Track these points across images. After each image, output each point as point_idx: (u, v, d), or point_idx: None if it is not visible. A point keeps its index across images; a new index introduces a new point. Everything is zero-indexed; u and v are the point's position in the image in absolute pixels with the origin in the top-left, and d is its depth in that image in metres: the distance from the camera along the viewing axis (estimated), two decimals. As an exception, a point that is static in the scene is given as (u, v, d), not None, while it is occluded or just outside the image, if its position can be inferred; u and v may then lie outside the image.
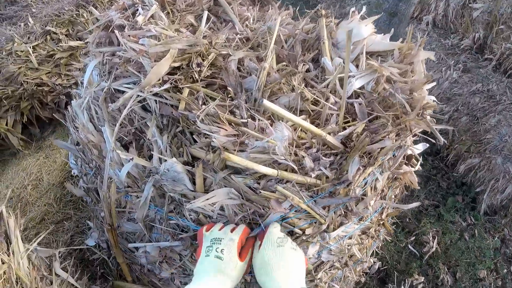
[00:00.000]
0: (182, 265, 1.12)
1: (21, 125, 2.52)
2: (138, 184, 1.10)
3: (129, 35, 1.28)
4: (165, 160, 0.99)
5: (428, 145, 1.34)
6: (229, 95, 1.11)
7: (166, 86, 1.10)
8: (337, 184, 1.03)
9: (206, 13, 1.40)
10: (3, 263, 1.15)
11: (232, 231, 0.86)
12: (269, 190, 0.94)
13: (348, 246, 1.17)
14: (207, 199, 0.92)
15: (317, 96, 1.13)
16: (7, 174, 2.39)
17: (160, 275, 1.18)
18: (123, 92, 1.18)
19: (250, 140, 0.96)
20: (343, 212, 1.09)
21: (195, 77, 1.14)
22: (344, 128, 1.06)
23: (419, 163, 1.34)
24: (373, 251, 1.55)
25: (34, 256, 1.28)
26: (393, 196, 1.39)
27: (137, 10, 1.38)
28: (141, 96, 1.11)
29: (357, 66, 1.21)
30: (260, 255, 0.79)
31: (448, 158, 2.41)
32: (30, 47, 2.57)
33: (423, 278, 1.89)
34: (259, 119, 1.00)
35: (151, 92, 1.11)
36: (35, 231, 2.03)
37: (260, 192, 0.92)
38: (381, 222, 1.33)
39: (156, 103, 1.13)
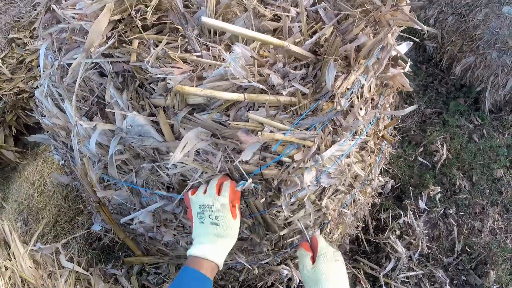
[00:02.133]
0: (180, 224, 1.03)
1: (12, 138, 2.43)
2: (111, 154, 0.99)
3: (67, 6, 1.12)
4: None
5: (411, 43, 1.17)
6: (180, 34, 0.96)
7: (111, 41, 0.96)
8: (318, 99, 0.89)
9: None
10: (6, 269, 1.08)
11: (218, 192, 0.81)
12: (241, 120, 0.81)
13: (347, 165, 1.05)
14: (182, 148, 0.80)
15: (276, 12, 0.96)
16: (12, 189, 2.33)
17: (164, 240, 1.09)
18: (75, 65, 1.04)
19: (208, 72, 0.82)
20: (331, 129, 0.96)
21: (140, 26, 0.99)
22: (311, 36, 0.91)
23: (408, 65, 1.18)
24: (382, 169, 1.43)
25: (39, 255, 1.21)
26: (387, 105, 1.24)
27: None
28: (90, 61, 0.97)
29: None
30: (315, 270, 0.79)
31: (442, 63, 2.22)
32: (-1, 60, 2.42)
33: (439, 187, 1.78)
34: (212, 48, 0.86)
35: (98, 53, 0.97)
36: (52, 235, 1.99)
37: (230, 124, 0.79)
38: (380, 135, 1.20)
39: (109, 64, 0.99)
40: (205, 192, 0.81)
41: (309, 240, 0.88)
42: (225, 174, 0.87)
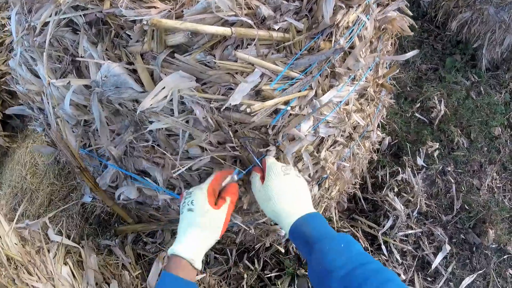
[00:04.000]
0: (169, 185, 0.93)
1: (0, 123, 2.29)
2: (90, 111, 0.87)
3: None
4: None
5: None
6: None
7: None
8: (315, 36, 0.77)
9: None
10: (-10, 248, 0.98)
11: None
12: (228, 60, 0.70)
13: (347, 113, 0.95)
14: (156, 94, 0.69)
15: None
16: (5, 174, 2.22)
17: (154, 204, 1.00)
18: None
19: (189, 7, 0.70)
20: (329, 72, 0.85)
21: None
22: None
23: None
24: (379, 123, 1.33)
25: (27, 232, 1.11)
26: (385, 52, 1.13)
27: None
28: (59, 16, 0.84)
29: None
30: (264, 187, 0.73)
31: (437, 18, 2.09)
32: (-24, 43, 2.24)
33: (438, 144, 1.69)
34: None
35: (67, 4, 0.83)
36: (50, 214, 1.91)
37: (216, 63, 0.67)
38: (379, 82, 1.09)
39: (82, 17, 0.86)
40: None
41: (260, 164, 0.80)
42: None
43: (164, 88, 0.69)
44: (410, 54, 1.07)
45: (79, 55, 0.86)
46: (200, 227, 0.69)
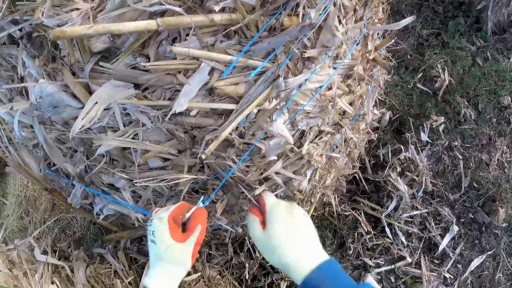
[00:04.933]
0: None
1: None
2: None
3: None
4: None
5: None
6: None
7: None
8: (275, 11, 0.60)
9: None
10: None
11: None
12: (166, 59, 0.55)
13: (329, 100, 0.78)
14: (88, 112, 0.55)
15: None
16: (9, 183, 2.18)
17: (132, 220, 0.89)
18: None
19: (109, 3, 0.54)
20: (299, 56, 0.68)
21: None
22: None
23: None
24: (377, 100, 1.15)
25: (15, 253, 1.03)
26: (375, 20, 0.94)
27: None
28: None
29: None
30: (267, 236, 0.59)
31: (438, -24, 1.82)
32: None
33: (443, 117, 1.49)
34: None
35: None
36: (53, 218, 1.87)
37: (149, 66, 0.52)
38: (370, 58, 0.91)
39: (19, 31, 0.72)
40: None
41: (258, 205, 0.65)
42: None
43: (96, 103, 0.55)
44: (404, 22, 0.87)
45: (18, 72, 0.73)
46: (166, 261, 0.59)
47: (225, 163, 0.71)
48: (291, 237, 0.58)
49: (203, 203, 0.63)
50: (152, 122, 0.58)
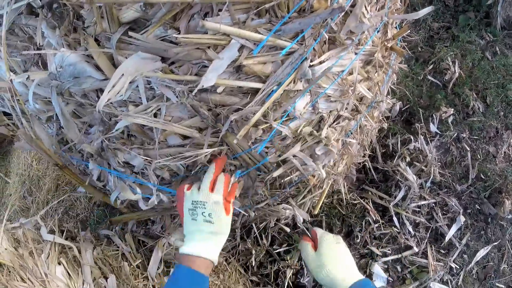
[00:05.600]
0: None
1: (1, 112, 2.20)
2: (55, 104, 0.74)
3: None
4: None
5: None
6: None
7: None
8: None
9: None
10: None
11: (212, 189, 0.71)
12: (196, 33, 0.54)
13: (351, 85, 0.78)
14: (114, 84, 0.55)
15: None
16: (12, 162, 2.16)
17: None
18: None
19: None
20: (327, 39, 0.68)
21: None
22: None
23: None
24: (389, 89, 1.16)
25: (21, 231, 1.03)
26: (394, 10, 0.94)
27: None
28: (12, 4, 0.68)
29: None
30: (318, 255, 0.79)
31: (450, -31, 1.81)
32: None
33: (452, 109, 1.50)
34: None
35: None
36: (57, 200, 1.86)
37: (178, 39, 0.52)
38: (388, 46, 0.91)
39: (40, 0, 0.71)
40: (199, 188, 0.71)
41: (309, 234, 0.87)
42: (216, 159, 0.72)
43: (123, 75, 0.55)
44: (423, 12, 0.87)
45: (37, 42, 0.72)
46: (219, 235, 0.71)
47: (245, 144, 0.71)
48: (337, 257, 0.76)
49: (236, 177, 0.75)
50: (177, 97, 0.58)
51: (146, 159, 0.76)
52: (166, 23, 0.53)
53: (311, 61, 0.64)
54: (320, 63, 0.64)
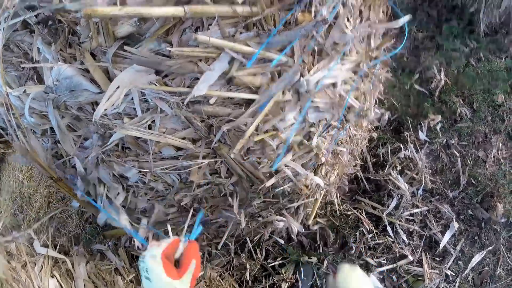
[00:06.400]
0: (149, 187, 0.83)
1: (-8, 130, 2.19)
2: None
3: None
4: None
5: None
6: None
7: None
8: (291, 7, 0.64)
9: None
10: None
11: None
12: (188, 46, 0.57)
13: (339, 95, 0.82)
14: (110, 96, 0.57)
15: None
16: (3, 180, 2.15)
17: (138, 207, 0.90)
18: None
19: None
20: (316, 49, 0.72)
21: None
22: None
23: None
24: (376, 99, 1.20)
25: (13, 246, 1.02)
26: (377, 21, 0.99)
27: None
28: (9, 20, 0.71)
29: None
30: (335, 281, 0.81)
31: (432, -19, 1.91)
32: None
33: (440, 116, 1.56)
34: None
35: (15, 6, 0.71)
36: (48, 217, 1.84)
37: (171, 52, 0.55)
38: (372, 55, 0.95)
39: (35, 17, 0.74)
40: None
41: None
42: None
43: (118, 87, 0.57)
44: (402, 20, 0.94)
45: (33, 58, 0.74)
46: None
47: (238, 156, 0.74)
48: (351, 281, 0.80)
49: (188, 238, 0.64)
50: (171, 109, 0.60)
51: (141, 171, 0.78)
52: (160, 37, 0.56)
53: (301, 74, 0.68)
54: (313, 74, 0.68)
